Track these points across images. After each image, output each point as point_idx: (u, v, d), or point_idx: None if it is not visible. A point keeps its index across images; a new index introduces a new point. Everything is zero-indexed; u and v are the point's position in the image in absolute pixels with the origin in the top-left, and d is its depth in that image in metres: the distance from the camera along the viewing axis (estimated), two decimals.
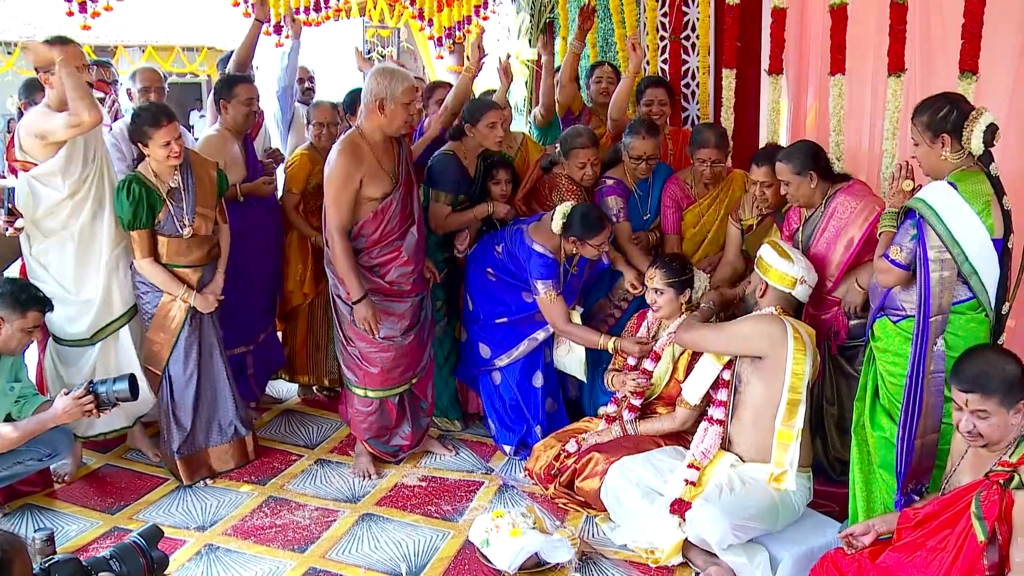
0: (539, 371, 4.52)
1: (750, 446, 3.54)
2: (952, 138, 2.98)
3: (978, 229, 2.91)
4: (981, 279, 2.93)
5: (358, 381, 4.18)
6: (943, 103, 3.02)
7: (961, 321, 2.98)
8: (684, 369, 3.91)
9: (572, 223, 4.10)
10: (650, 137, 4.41)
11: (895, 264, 3.05)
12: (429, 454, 4.52)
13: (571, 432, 4.15)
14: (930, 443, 3.02)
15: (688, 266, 3.98)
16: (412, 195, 4.02)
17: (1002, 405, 2.53)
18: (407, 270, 4.03)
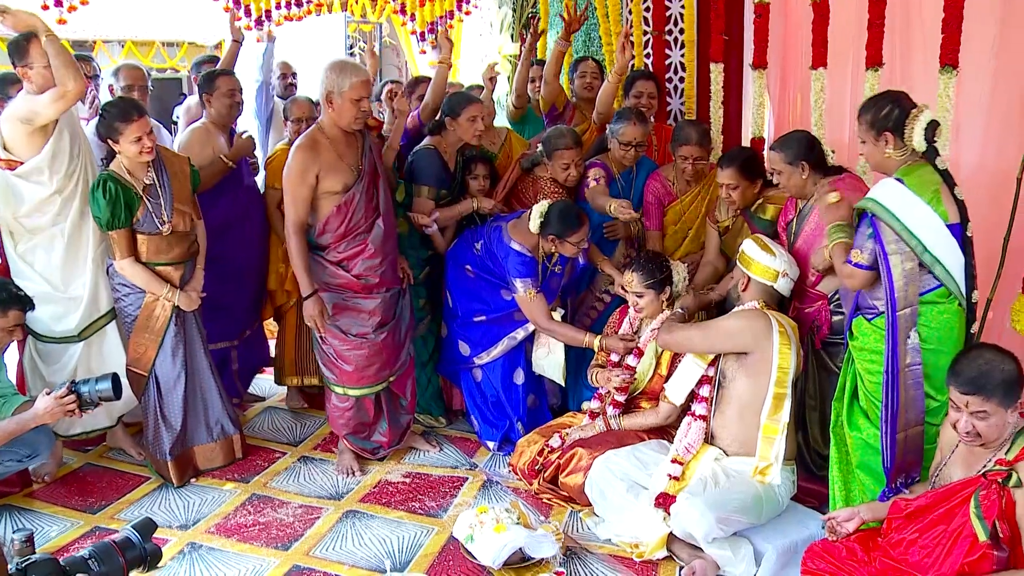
0: (520, 368, 4.52)
1: (734, 440, 3.57)
2: (895, 136, 3.05)
3: (930, 218, 2.96)
4: (945, 267, 2.97)
5: (335, 379, 4.18)
6: (885, 102, 3.10)
7: (933, 312, 3.01)
8: (667, 364, 3.92)
9: (550, 221, 4.10)
10: (640, 124, 4.43)
11: (858, 266, 3.11)
12: (413, 450, 4.52)
13: (555, 427, 4.16)
14: (914, 436, 3.05)
15: (664, 263, 3.98)
16: (377, 187, 4.00)
17: (1001, 405, 2.54)
18: (374, 263, 4.02)
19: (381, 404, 4.29)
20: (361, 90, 3.80)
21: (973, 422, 2.56)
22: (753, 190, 4.05)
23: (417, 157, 4.51)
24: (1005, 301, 3.85)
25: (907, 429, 3.03)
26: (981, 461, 2.62)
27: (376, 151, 4.07)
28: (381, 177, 4.03)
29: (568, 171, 4.45)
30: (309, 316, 3.96)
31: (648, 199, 4.56)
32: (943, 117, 3.79)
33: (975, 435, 2.58)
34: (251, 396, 5.29)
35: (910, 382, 3.01)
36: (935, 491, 2.69)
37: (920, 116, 3.01)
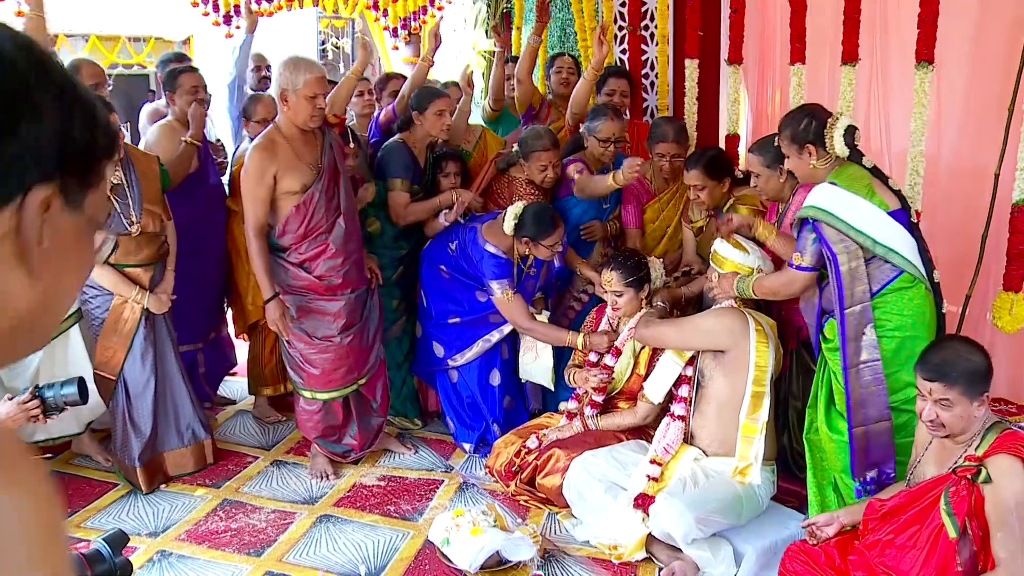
0: (496, 369, 4.52)
1: (713, 440, 3.58)
2: (816, 146, 3.19)
3: (871, 210, 3.07)
4: (900, 254, 3.07)
5: (302, 383, 4.15)
6: (802, 115, 3.26)
7: (904, 300, 3.09)
8: (645, 363, 3.93)
9: (524, 223, 4.08)
10: (617, 119, 4.42)
11: (800, 269, 3.21)
12: (388, 453, 4.51)
13: (532, 428, 4.16)
14: (879, 431, 3.12)
15: (642, 260, 3.98)
16: (338, 186, 3.96)
17: (965, 395, 2.55)
18: (336, 263, 3.99)
19: (350, 407, 4.26)
20: (316, 87, 3.76)
21: (937, 411, 2.58)
22: (721, 189, 4.05)
23: (386, 152, 4.49)
24: (985, 297, 3.88)
25: (867, 424, 3.11)
26: (953, 457, 2.64)
27: (337, 149, 4.03)
28: (342, 175, 4.00)
29: (545, 173, 4.43)
30: (271, 320, 3.93)
31: (626, 197, 4.56)
32: (920, 113, 3.82)
33: (939, 425, 2.60)
34: (221, 399, 5.25)
35: (868, 378, 3.10)
36: (908, 490, 2.71)
37: (837, 124, 3.14)
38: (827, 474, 3.33)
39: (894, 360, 3.14)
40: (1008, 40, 3.79)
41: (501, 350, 4.52)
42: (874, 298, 3.13)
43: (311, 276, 3.98)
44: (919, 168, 3.86)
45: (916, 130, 3.83)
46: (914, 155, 3.87)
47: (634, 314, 3.94)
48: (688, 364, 3.68)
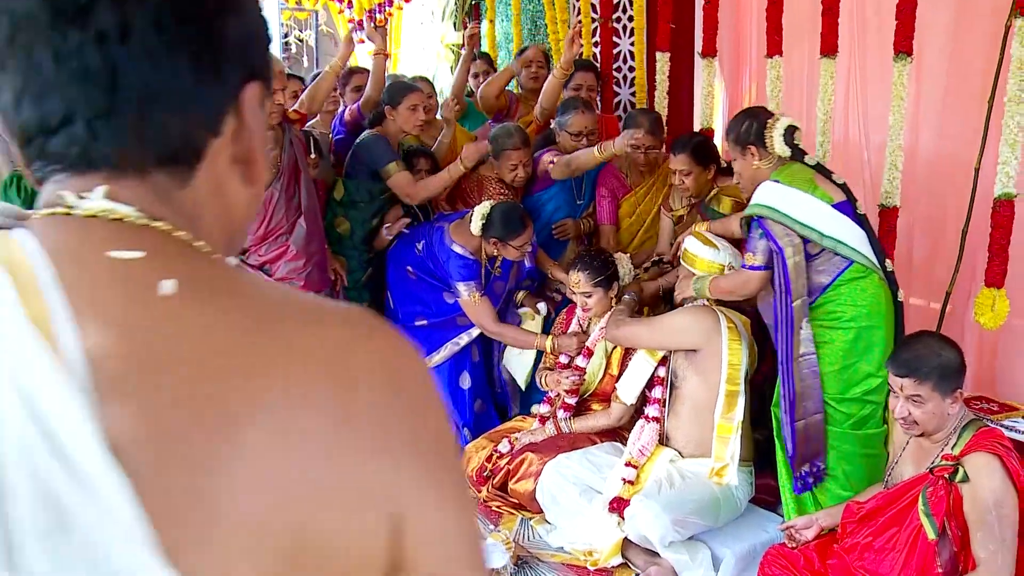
0: (466, 371, 4.49)
1: (689, 441, 3.58)
2: (758, 147, 3.33)
3: (813, 203, 3.18)
4: (848, 244, 3.17)
5: None
6: (743, 118, 3.42)
7: (856, 290, 3.17)
8: (618, 364, 3.92)
9: (492, 223, 4.06)
10: (588, 112, 4.41)
11: (754, 268, 3.30)
12: None
13: (503, 432, 4.13)
14: (814, 424, 3.23)
15: (609, 259, 3.97)
16: (299, 185, 3.92)
17: (936, 391, 2.56)
18: (297, 265, 3.95)
19: None
20: (275, 81, 3.70)
21: (908, 407, 2.60)
22: (707, 176, 4.05)
23: (364, 146, 4.40)
24: (966, 293, 3.90)
25: (806, 417, 3.21)
26: (930, 457, 2.65)
27: (299, 146, 3.98)
28: (303, 174, 3.95)
29: (516, 172, 4.42)
30: None
31: (601, 192, 4.55)
32: (898, 106, 3.82)
33: (912, 422, 2.61)
34: None
35: (805, 371, 3.20)
36: (886, 492, 2.72)
37: (777, 124, 3.28)
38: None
39: (852, 351, 3.19)
40: (988, 32, 3.79)
41: (471, 353, 4.49)
42: (826, 291, 3.20)
43: (271, 279, 3.90)
44: (897, 162, 3.86)
45: (895, 124, 3.83)
46: (892, 149, 3.86)
47: (605, 314, 3.93)
48: (661, 364, 3.68)
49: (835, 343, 3.21)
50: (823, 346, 3.22)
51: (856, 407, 3.22)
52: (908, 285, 4.09)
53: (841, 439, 3.25)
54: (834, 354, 3.21)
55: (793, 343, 3.19)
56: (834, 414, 3.24)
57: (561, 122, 4.44)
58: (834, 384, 3.23)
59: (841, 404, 3.23)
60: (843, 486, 3.24)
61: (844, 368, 3.20)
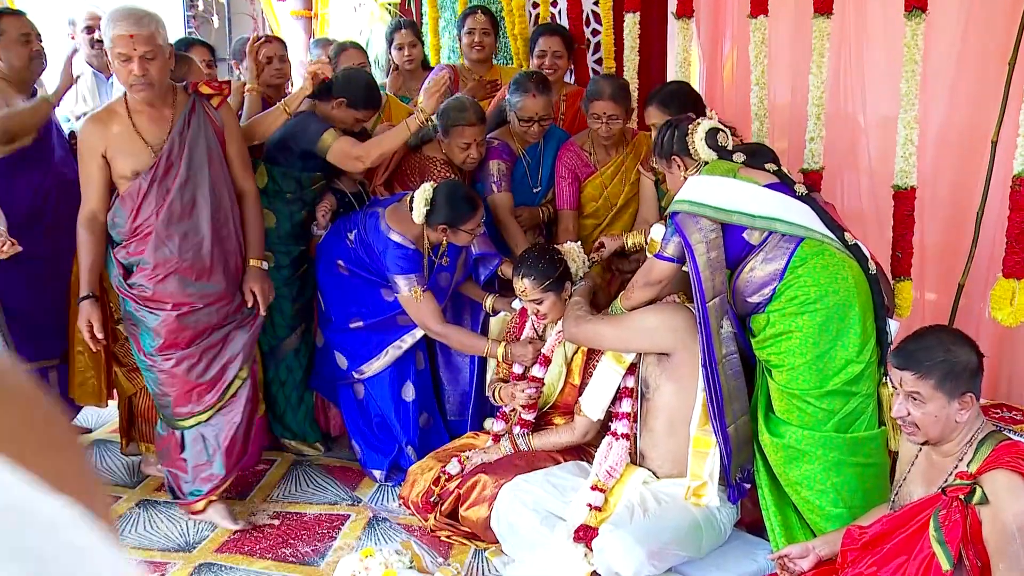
0: (410, 381, 4.46)
1: (665, 459, 3.57)
2: (682, 156, 3.51)
3: (737, 186, 3.33)
4: (786, 220, 3.27)
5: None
6: (664, 129, 3.60)
7: (814, 269, 3.23)
8: (579, 372, 3.90)
9: (437, 207, 4.00)
10: (541, 94, 4.38)
11: (659, 256, 3.45)
12: (282, 484, 4.45)
13: (453, 451, 4.11)
14: (743, 426, 3.37)
15: (555, 256, 3.93)
16: (191, 176, 3.78)
17: (940, 390, 2.53)
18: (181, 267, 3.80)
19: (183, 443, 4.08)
20: (122, 45, 3.54)
21: (908, 406, 2.59)
22: None
23: (291, 130, 4.31)
24: (982, 285, 3.92)
25: (735, 421, 3.34)
26: (942, 475, 2.62)
27: (211, 128, 3.85)
28: (210, 161, 3.82)
29: (468, 152, 4.39)
30: (82, 325, 3.80)
31: (560, 172, 4.55)
32: (912, 72, 3.79)
33: (911, 425, 2.59)
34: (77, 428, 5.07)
35: (730, 372, 3.33)
36: (892, 515, 2.68)
37: (698, 129, 3.45)
38: (786, 492, 3.36)
39: (823, 335, 3.21)
40: None
41: (415, 359, 4.47)
42: (784, 277, 3.25)
43: (148, 284, 3.80)
44: (912, 136, 3.84)
45: (908, 92, 3.81)
46: (906, 120, 3.84)
47: (562, 316, 3.91)
48: (629, 373, 3.67)
49: (803, 330, 3.22)
50: (790, 336, 3.24)
51: (839, 401, 3.22)
52: (919, 277, 4.10)
53: (825, 445, 3.22)
54: (804, 342, 3.22)
55: (714, 344, 3.28)
56: (814, 413, 3.22)
57: (511, 102, 4.42)
58: (809, 377, 3.23)
59: (821, 399, 3.22)
60: (834, 502, 3.23)
61: (818, 357, 3.21)
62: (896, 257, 3.96)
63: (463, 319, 4.51)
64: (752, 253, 3.29)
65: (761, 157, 3.57)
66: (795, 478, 3.28)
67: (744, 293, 3.35)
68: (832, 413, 3.22)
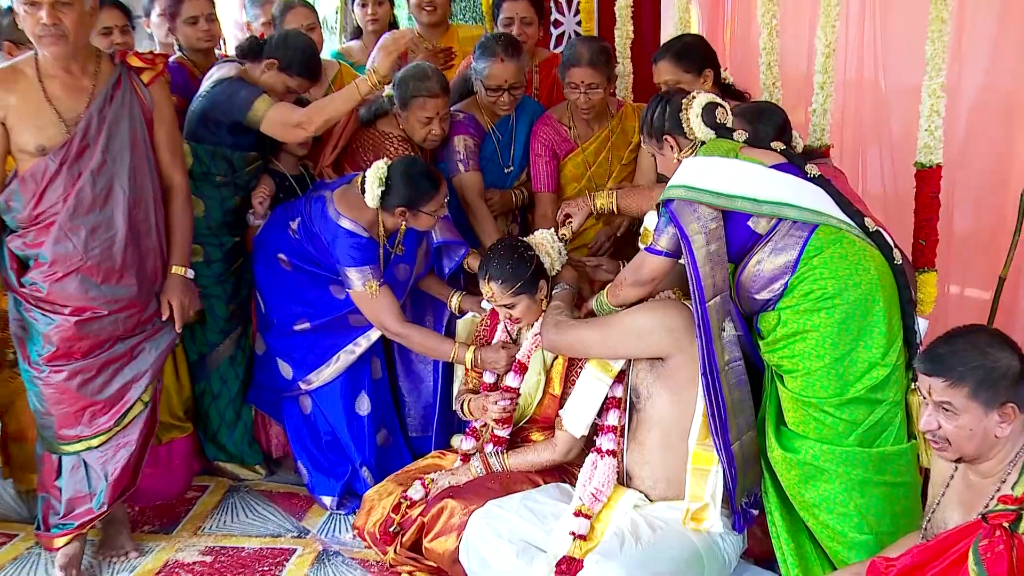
0: (364, 392, 4.46)
1: (659, 479, 3.57)
2: (675, 136, 3.53)
3: (740, 167, 3.32)
4: (794, 204, 3.26)
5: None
6: (654, 103, 3.60)
7: (831, 260, 3.22)
8: (560, 380, 3.91)
9: (394, 187, 4.00)
10: (511, 59, 4.39)
11: (651, 250, 3.47)
12: (216, 513, 4.44)
13: (415, 473, 4.10)
14: (749, 442, 3.38)
15: (525, 252, 3.91)
16: (109, 161, 3.73)
17: (975, 400, 2.53)
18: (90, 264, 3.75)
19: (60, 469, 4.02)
20: None
21: (938, 418, 2.58)
22: (704, 88, 4.03)
23: (221, 94, 4.29)
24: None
25: (740, 437, 3.35)
26: (983, 498, 2.62)
27: (137, 104, 3.81)
28: (133, 146, 3.78)
29: (430, 127, 4.40)
30: None
31: (535, 150, 4.58)
32: (939, 32, 3.81)
33: (942, 439, 2.59)
34: None
35: (733, 381, 3.34)
36: (925, 545, 2.66)
37: (692, 104, 3.45)
38: (800, 518, 3.36)
39: (844, 334, 3.20)
40: None
41: (370, 366, 4.48)
42: (797, 270, 3.25)
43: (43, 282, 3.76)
44: (939, 106, 3.86)
45: (934, 55, 3.83)
46: (931, 89, 3.86)
47: (538, 318, 3.91)
48: (617, 381, 3.67)
49: (820, 329, 3.21)
50: (805, 336, 3.23)
51: (862, 410, 3.20)
52: (948, 269, 4.16)
53: (847, 461, 3.21)
54: (821, 343, 3.21)
55: (715, 350, 3.29)
56: (834, 425, 3.21)
57: (477, 69, 4.44)
58: (827, 383, 3.21)
59: (841, 409, 3.21)
60: (857, 527, 3.22)
61: (837, 360, 3.19)
62: (919, 245, 3.97)
63: (424, 321, 4.50)
64: (759, 244, 3.29)
65: (768, 123, 3.61)
66: (812, 500, 3.26)
67: (751, 289, 3.34)
68: (854, 424, 3.20)
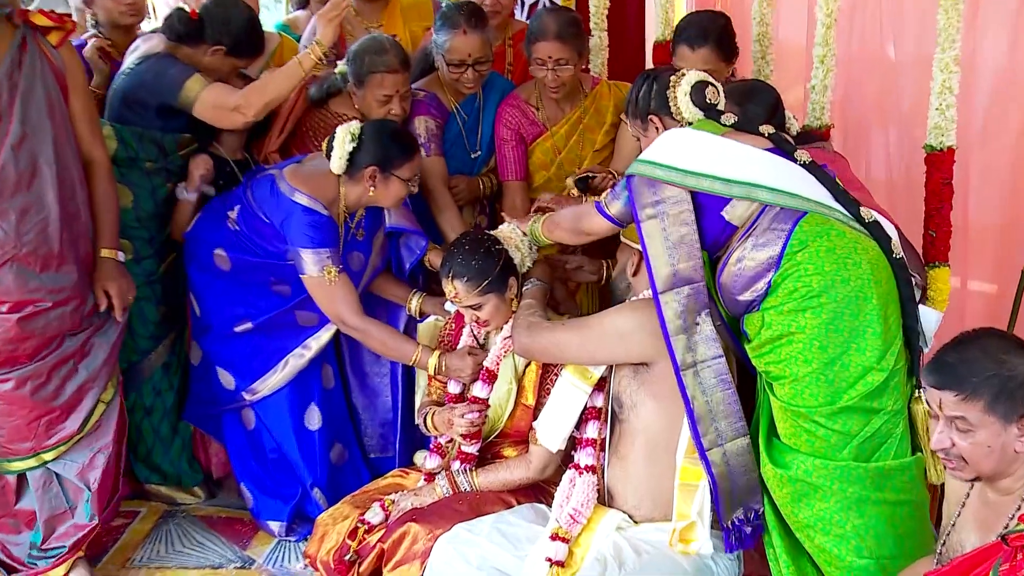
0: (314, 404, 4.45)
1: (643, 497, 3.55)
2: (661, 116, 3.54)
3: (719, 144, 3.34)
4: (770, 187, 3.24)
5: None
6: (639, 82, 3.63)
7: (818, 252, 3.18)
8: (533, 389, 3.86)
9: (367, 143, 3.98)
10: (475, 31, 4.37)
11: (601, 211, 3.52)
12: (149, 542, 4.41)
13: (374, 494, 4.03)
14: (738, 451, 3.33)
15: (493, 246, 3.89)
16: (29, 134, 3.69)
17: (993, 414, 2.49)
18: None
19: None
20: None
21: (951, 435, 2.55)
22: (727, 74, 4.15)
23: (148, 72, 4.26)
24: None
25: (723, 443, 3.32)
26: (1002, 519, 2.59)
27: (49, 68, 3.77)
28: (52, 115, 3.74)
29: (388, 106, 4.38)
30: None
31: (501, 134, 4.58)
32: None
33: (957, 458, 2.56)
34: None
35: (711, 381, 3.31)
36: (940, 570, 2.64)
37: (680, 82, 3.47)
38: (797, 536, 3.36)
39: (833, 336, 3.17)
40: None
41: (321, 373, 4.47)
42: (781, 265, 3.22)
43: None
44: (951, 83, 3.83)
45: (947, 25, 3.79)
46: (943, 63, 3.82)
47: (508, 321, 3.88)
48: (597, 389, 3.64)
49: (807, 330, 3.17)
50: (791, 339, 3.20)
51: (857, 421, 3.16)
52: (964, 262, 4.19)
53: (842, 477, 3.17)
54: (809, 346, 3.17)
55: (674, 347, 3.30)
56: (827, 436, 3.18)
57: (437, 42, 4.43)
58: (817, 390, 3.17)
59: (834, 419, 3.17)
60: (856, 551, 3.19)
61: (827, 365, 3.15)
62: (930, 237, 3.94)
63: None
64: (739, 238, 3.28)
65: (758, 103, 3.64)
66: (806, 520, 3.24)
67: (733, 290, 3.32)
68: (849, 436, 3.17)
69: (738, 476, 3.32)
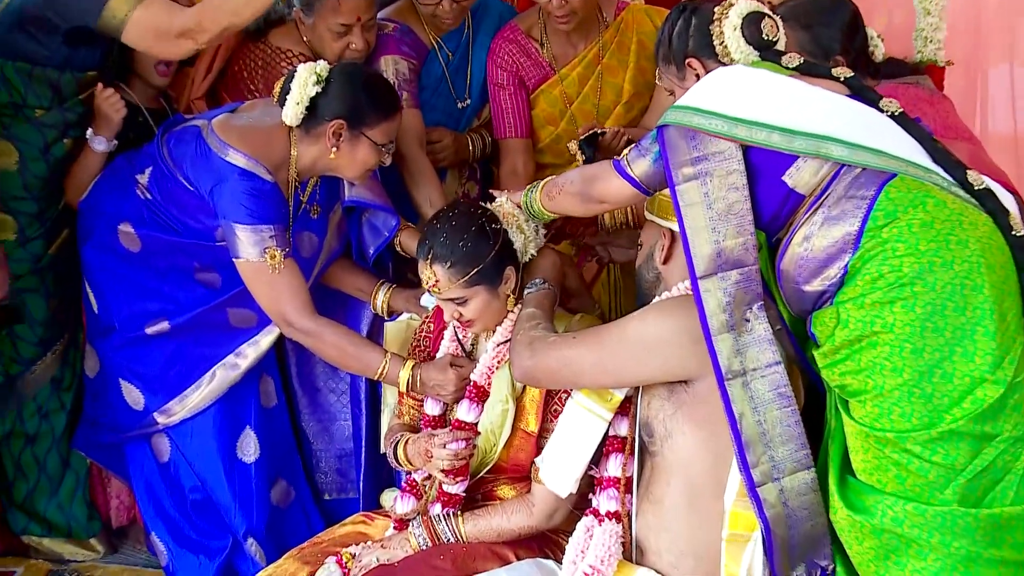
0: (250, 428, 4.39)
1: (684, 552, 3.39)
2: (703, 59, 3.45)
3: (778, 85, 3.21)
4: (844, 141, 3.07)
5: None
6: (674, 16, 3.59)
7: (911, 227, 2.99)
8: (536, 412, 3.72)
9: (335, 89, 3.88)
10: None
11: (619, 168, 3.37)
12: None
13: (327, 546, 3.91)
14: (799, 488, 3.14)
15: (489, 221, 3.76)
16: None
17: None
18: None
19: None
20: None
21: None
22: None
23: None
24: None
25: (780, 477, 3.14)
26: None
27: None
28: None
29: (347, 39, 4.36)
30: None
31: (495, 79, 4.57)
32: None
33: None
34: None
35: (767, 395, 3.12)
36: None
37: (728, 13, 3.36)
38: None
39: (929, 337, 2.95)
40: None
41: (259, 388, 4.42)
42: (860, 245, 3.04)
43: None
44: None
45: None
46: None
47: (500, 321, 3.76)
48: (620, 414, 3.52)
49: (896, 329, 2.95)
50: (876, 341, 2.99)
51: (964, 450, 2.93)
52: None
53: (944, 527, 2.97)
54: (899, 351, 2.95)
55: (715, 347, 3.13)
56: (922, 471, 2.96)
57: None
58: (911, 409, 2.95)
59: (932, 448, 2.95)
60: None
61: (924, 374, 2.92)
62: None
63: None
64: (805, 211, 3.10)
65: (831, 24, 3.64)
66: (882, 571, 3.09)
67: (798, 279, 3.14)
68: (953, 471, 2.92)
69: (799, 522, 3.14)
